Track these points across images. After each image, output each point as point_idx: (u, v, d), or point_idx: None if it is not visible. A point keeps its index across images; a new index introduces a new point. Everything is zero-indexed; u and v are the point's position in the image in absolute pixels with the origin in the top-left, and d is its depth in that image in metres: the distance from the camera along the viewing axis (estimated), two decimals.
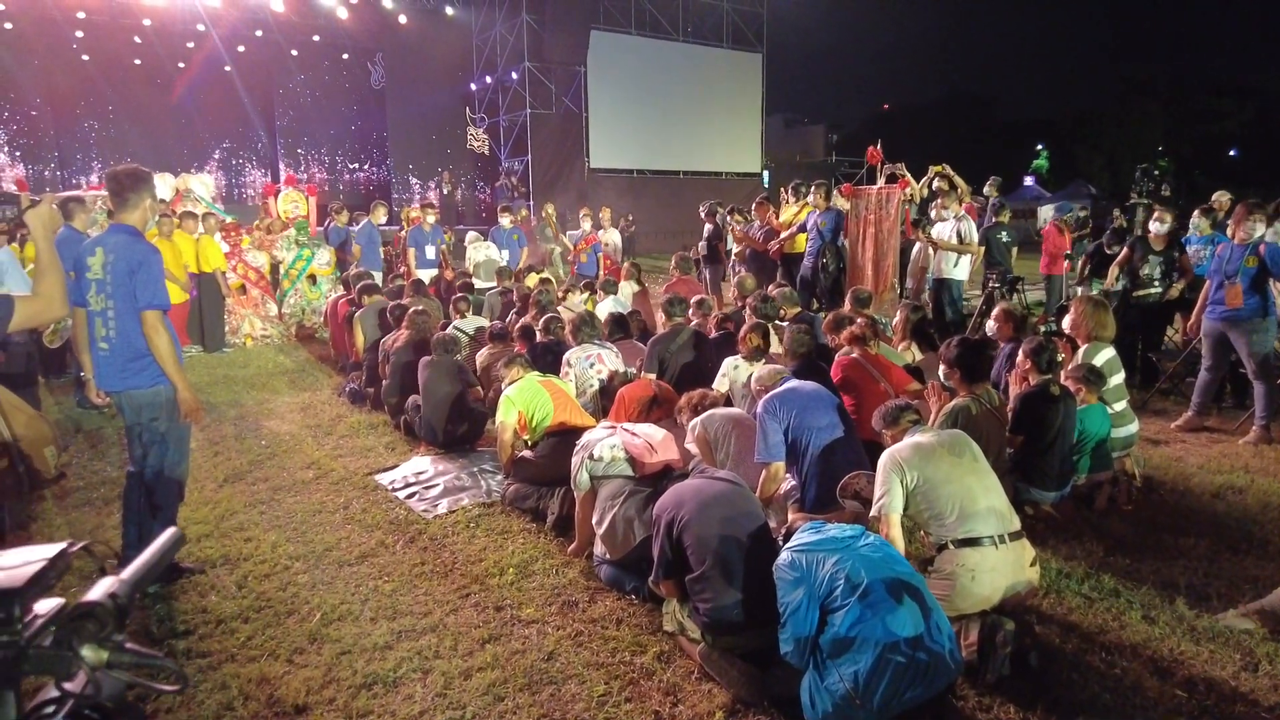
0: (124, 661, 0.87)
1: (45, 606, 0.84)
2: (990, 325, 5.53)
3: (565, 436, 4.51)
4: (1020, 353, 4.58)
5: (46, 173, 18.18)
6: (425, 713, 2.80)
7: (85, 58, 18.15)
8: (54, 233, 2.67)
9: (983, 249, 8.54)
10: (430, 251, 10.55)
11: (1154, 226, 6.89)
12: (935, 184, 9.07)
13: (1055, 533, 4.14)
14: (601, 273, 10.96)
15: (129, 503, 3.77)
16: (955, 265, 8.39)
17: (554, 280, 9.65)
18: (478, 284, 9.68)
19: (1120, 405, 4.86)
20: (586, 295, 8.10)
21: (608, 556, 3.61)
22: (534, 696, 2.87)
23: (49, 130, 18.24)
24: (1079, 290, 8.25)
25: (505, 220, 11.38)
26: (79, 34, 17.45)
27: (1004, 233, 9.15)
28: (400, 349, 6.28)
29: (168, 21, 17.45)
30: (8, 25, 16.35)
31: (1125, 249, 7.17)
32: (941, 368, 4.45)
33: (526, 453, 4.73)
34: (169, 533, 1.05)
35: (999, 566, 3.09)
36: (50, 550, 0.86)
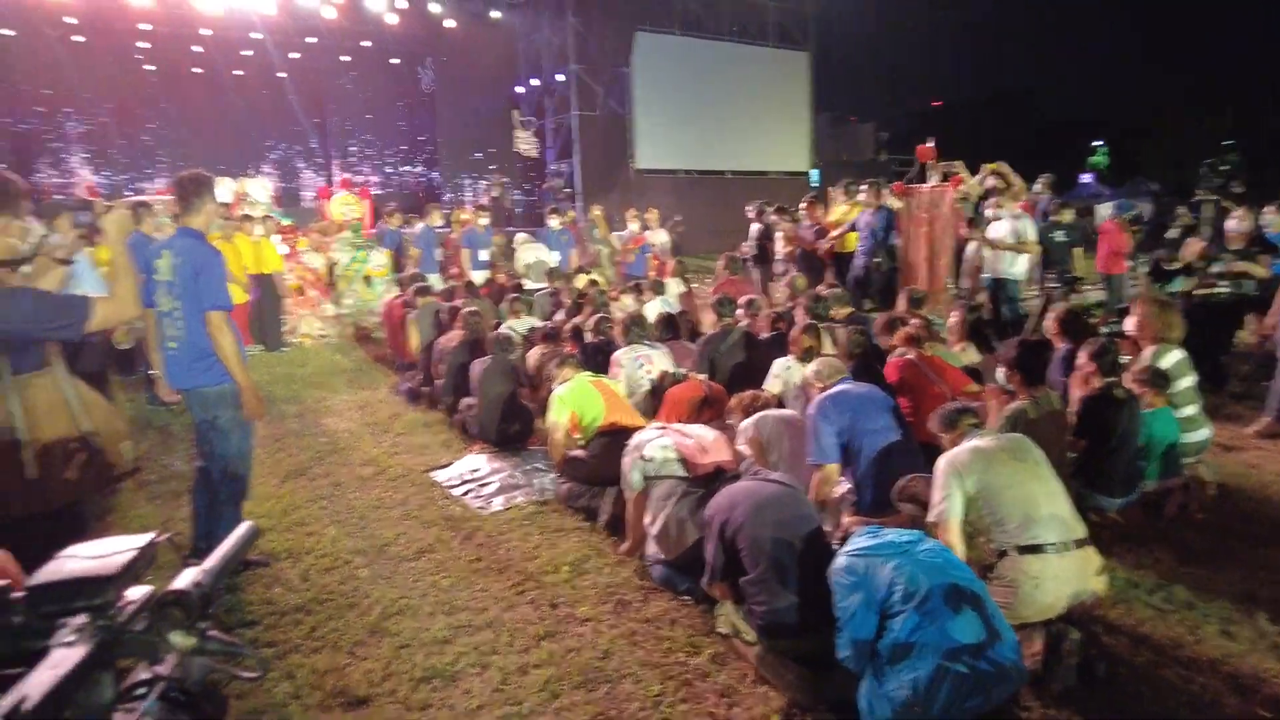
0: (209, 648, 0.91)
1: (136, 593, 0.87)
2: (1046, 326, 5.40)
3: (616, 436, 4.53)
4: (1082, 355, 4.45)
5: (114, 179, 18.87)
6: (483, 707, 2.84)
7: (148, 68, 18.79)
8: (127, 236, 2.79)
9: (1040, 248, 8.34)
10: (484, 254, 10.73)
11: (1231, 224, 6.64)
12: (990, 182, 8.88)
13: (1121, 540, 4.01)
14: (650, 273, 10.97)
15: (198, 496, 3.90)
16: (1012, 264, 8.19)
17: (602, 281, 9.70)
18: (528, 285, 9.77)
19: (1190, 410, 4.69)
20: (637, 296, 8.11)
21: (661, 557, 3.62)
22: (589, 694, 2.89)
23: (115, 138, 18.93)
24: (1138, 289, 8.01)
25: (554, 222, 11.46)
26: (143, 45, 18.10)
27: (1060, 231, 8.91)
28: (454, 349, 6.37)
29: (225, 31, 17.97)
30: (79, 39, 17.04)
31: (1201, 246, 6.92)
32: (1000, 369, 4.36)
33: (578, 452, 4.76)
34: (245, 526, 1.08)
35: (1063, 574, 3.01)
36: (140, 540, 0.90)
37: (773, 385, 5.04)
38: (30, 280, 2.70)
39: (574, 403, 4.82)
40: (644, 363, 5.59)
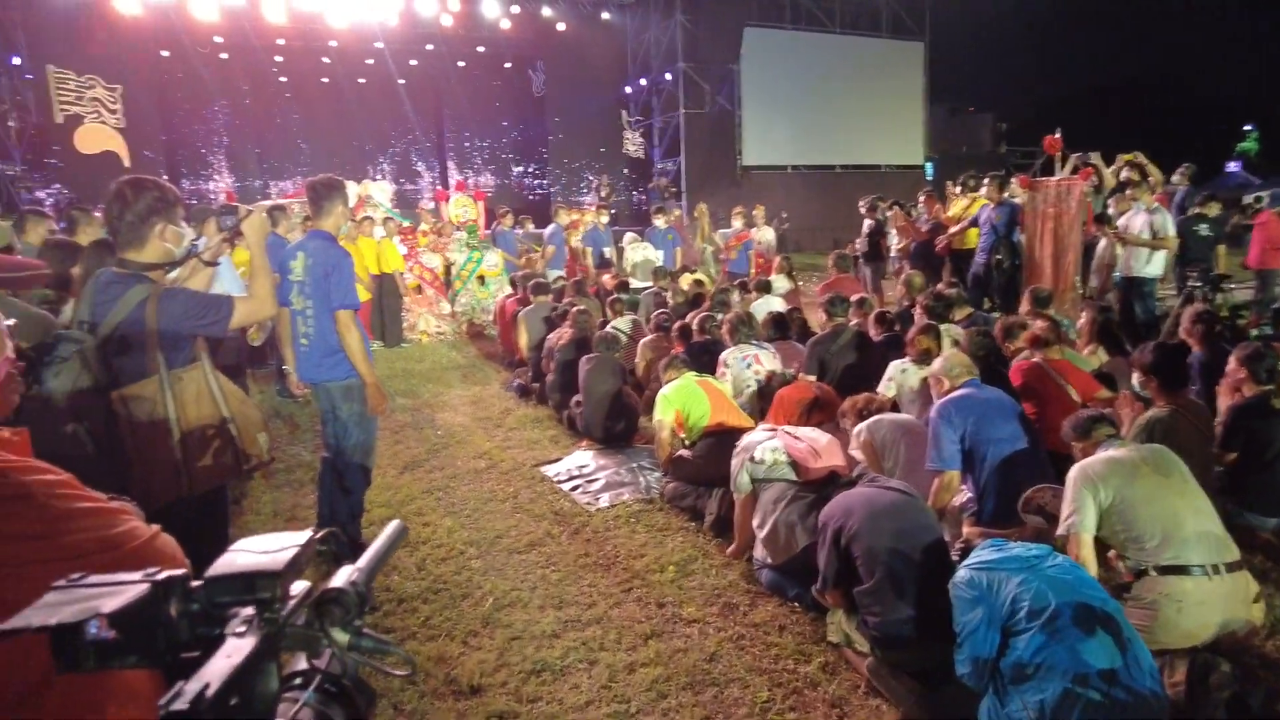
0: (363, 645, 0.95)
1: (296, 588, 0.92)
2: (1181, 328, 5.02)
3: (722, 437, 4.51)
4: (1233, 360, 4.11)
5: (249, 184, 20.26)
6: (591, 703, 2.88)
7: (282, 79, 20.08)
8: (265, 239, 2.98)
9: (1178, 242, 7.75)
10: (607, 251, 11.12)
11: None
12: (1125, 174, 8.31)
13: (1278, 564, 3.68)
14: (753, 270, 10.87)
15: (323, 484, 4.12)
16: (1148, 262, 7.64)
17: (706, 279, 9.68)
18: (635, 284, 9.86)
19: None
20: (743, 295, 8.06)
21: (769, 561, 3.57)
22: (697, 696, 2.89)
23: (252, 145, 20.31)
24: None
25: (660, 221, 11.53)
26: (278, 59, 19.35)
27: (1204, 225, 8.24)
28: (564, 346, 6.51)
29: (350, 42, 18.96)
30: (224, 56, 18.39)
31: None
32: (1136, 374, 4.07)
33: (684, 452, 4.76)
34: (394, 525, 1.13)
35: (1210, 599, 2.78)
36: (301, 537, 0.95)
37: (887, 388, 4.89)
38: (180, 282, 2.93)
39: (679, 402, 4.83)
40: (751, 362, 5.53)
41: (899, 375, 4.88)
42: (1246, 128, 42.22)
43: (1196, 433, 3.76)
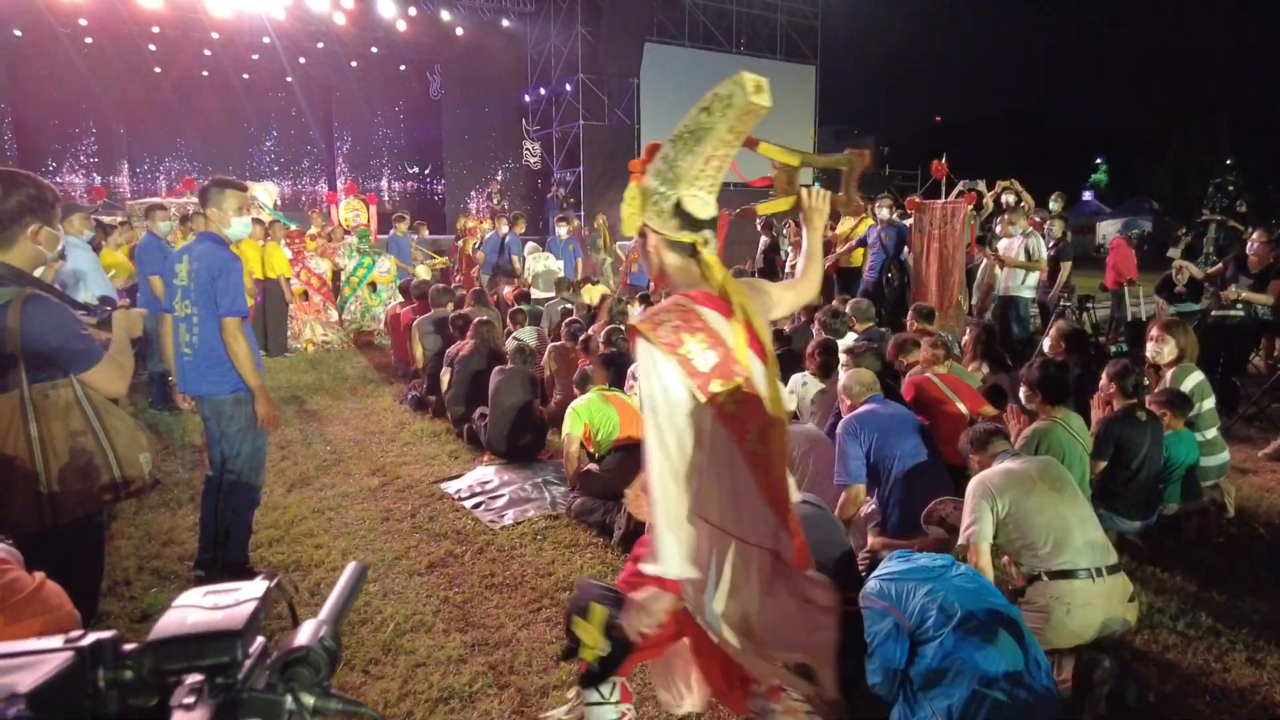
0: (329, 708, 0.85)
1: (253, 646, 0.81)
2: (1046, 344, 5.38)
3: (632, 450, 4.47)
4: (1105, 376, 4.41)
5: (117, 179, 18.82)
6: None
7: (157, 70, 18.78)
8: (134, 336, 2.77)
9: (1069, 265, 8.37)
10: (521, 261, 11.07)
11: (1254, 246, 6.60)
12: (1006, 199, 8.87)
13: (1142, 565, 3.97)
14: (653, 284, 10.95)
15: (206, 505, 3.83)
16: (1023, 282, 8.18)
17: (607, 290, 9.67)
18: (536, 294, 9.73)
19: (1212, 432, 4.66)
20: (645, 307, 8.08)
21: None
22: None
23: (122, 141, 18.89)
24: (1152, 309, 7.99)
25: (562, 230, 11.47)
26: (152, 48, 18.07)
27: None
28: (468, 357, 6.31)
29: (235, 35, 17.96)
30: (88, 40, 17.03)
31: (1219, 265, 6.90)
32: (1022, 389, 4.31)
33: (592, 466, 4.71)
34: (352, 567, 1.02)
35: (1095, 600, 2.96)
36: (258, 588, 0.83)
37: (789, 401, 4.99)
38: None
39: (589, 415, 4.77)
40: None
41: (800, 388, 5.00)
42: (1097, 161, 46.16)
43: (1075, 443, 4.01)
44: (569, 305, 8.48)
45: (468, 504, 4.88)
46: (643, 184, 2.10)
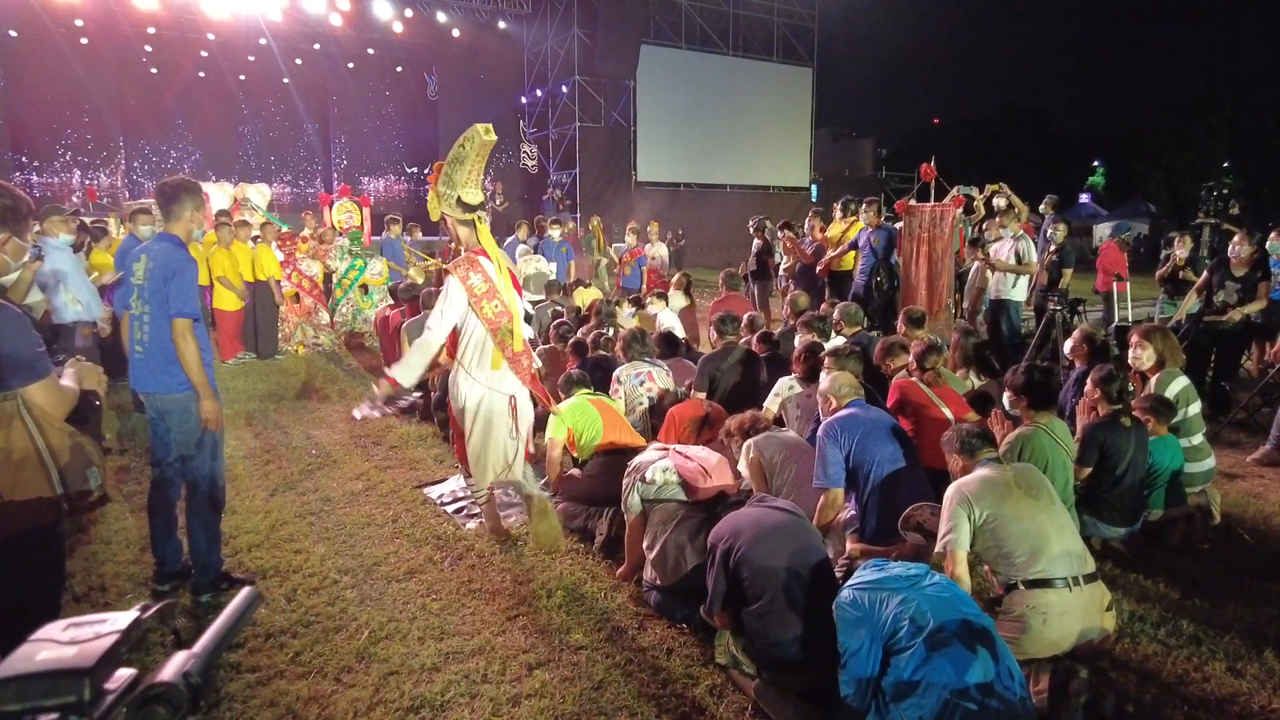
0: None
1: (114, 682, 0.77)
2: (1068, 346, 5.35)
3: (614, 456, 4.45)
4: (1089, 381, 4.39)
5: (113, 180, 18.79)
6: None
7: (153, 71, 18.77)
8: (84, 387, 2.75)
9: (1069, 272, 8.33)
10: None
11: (1235, 249, 6.58)
12: (999, 202, 8.85)
13: (1126, 572, 3.94)
14: (645, 286, 10.93)
15: (154, 510, 3.79)
16: (1013, 286, 8.16)
17: (599, 293, 9.65)
18: (527, 297, 9.69)
19: (1197, 438, 4.64)
20: (635, 310, 8.06)
21: (657, 582, 3.52)
22: None
23: (118, 141, 18.85)
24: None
25: (555, 233, 11.43)
26: (148, 49, 18.06)
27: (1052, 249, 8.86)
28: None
29: (231, 36, 17.96)
30: (84, 41, 17.01)
31: (1205, 272, 6.88)
32: (1007, 394, 4.28)
33: (575, 471, 4.68)
34: (244, 593, 0.98)
35: (1072, 610, 2.94)
36: (123, 620, 0.79)
37: (773, 404, 4.97)
38: (8, 285, 2.63)
39: (572, 420, 4.74)
40: (644, 379, 5.51)
41: (786, 391, 4.97)
42: (1094, 164, 46.15)
43: (1058, 449, 3.98)
44: (559, 308, 8.45)
45: (449, 509, 4.84)
46: (437, 188, 3.90)
